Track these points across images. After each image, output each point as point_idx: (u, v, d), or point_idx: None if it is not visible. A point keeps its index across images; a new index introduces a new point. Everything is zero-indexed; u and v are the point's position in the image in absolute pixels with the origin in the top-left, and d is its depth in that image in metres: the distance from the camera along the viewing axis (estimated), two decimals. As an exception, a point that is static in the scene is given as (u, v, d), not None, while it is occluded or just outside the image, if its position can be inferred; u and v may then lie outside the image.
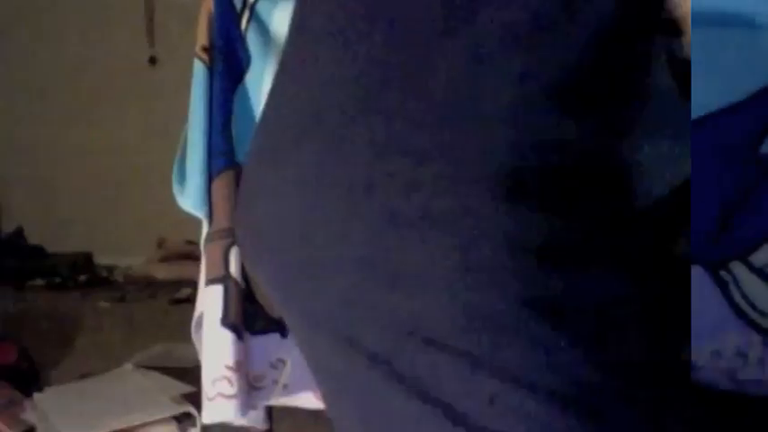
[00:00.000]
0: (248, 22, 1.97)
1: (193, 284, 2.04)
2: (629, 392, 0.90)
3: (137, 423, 2.97)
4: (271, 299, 1.13)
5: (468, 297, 0.88)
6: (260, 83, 1.98)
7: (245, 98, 1.99)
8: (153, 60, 5.97)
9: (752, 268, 1.40)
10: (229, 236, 1.89)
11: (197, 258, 2.03)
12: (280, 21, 1.97)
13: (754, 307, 1.39)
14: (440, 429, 0.90)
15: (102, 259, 6.05)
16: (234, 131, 1.96)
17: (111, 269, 5.96)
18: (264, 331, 1.97)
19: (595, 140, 0.92)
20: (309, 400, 2.02)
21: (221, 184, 1.92)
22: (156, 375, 3.51)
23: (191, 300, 2.06)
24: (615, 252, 0.94)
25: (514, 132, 0.89)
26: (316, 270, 0.99)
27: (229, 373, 1.84)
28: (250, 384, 1.93)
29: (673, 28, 0.96)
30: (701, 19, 1.10)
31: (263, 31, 1.98)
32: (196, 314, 1.99)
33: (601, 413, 0.88)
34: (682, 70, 0.99)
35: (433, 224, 0.89)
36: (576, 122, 0.91)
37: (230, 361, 1.84)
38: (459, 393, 0.89)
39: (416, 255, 0.90)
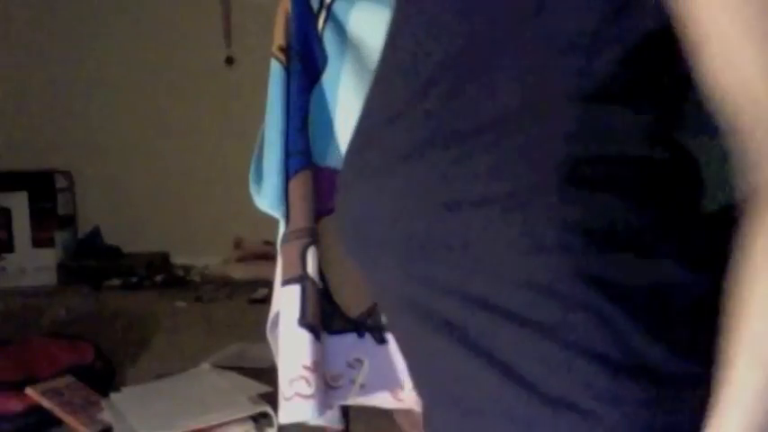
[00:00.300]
0: (325, 22, 1.97)
1: (270, 285, 2.04)
2: (689, 372, 0.94)
3: (214, 423, 2.98)
4: (366, 284, 1.19)
5: (537, 273, 0.94)
6: (336, 83, 1.98)
7: (322, 98, 1.99)
8: (230, 60, 6.01)
9: None
10: (306, 236, 1.90)
11: (274, 258, 2.04)
12: (356, 21, 1.97)
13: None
14: (506, 393, 0.96)
15: (178, 259, 6.09)
16: (310, 131, 1.96)
17: (187, 269, 6.00)
18: (342, 331, 1.98)
19: (651, 132, 0.97)
20: (386, 399, 2.01)
21: (298, 184, 1.92)
22: (233, 375, 3.52)
23: (268, 300, 2.06)
24: (677, 241, 0.97)
25: (575, 124, 0.94)
26: (401, 251, 1.04)
27: (307, 373, 1.84)
28: (327, 384, 1.93)
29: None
30: None
31: (340, 31, 1.98)
32: (271, 314, 1.99)
33: (664, 387, 0.93)
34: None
35: (498, 207, 0.95)
36: (631, 114, 0.95)
37: (308, 361, 1.84)
38: (528, 361, 0.95)
39: (487, 235, 0.96)
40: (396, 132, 1.05)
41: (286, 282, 1.89)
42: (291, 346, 1.86)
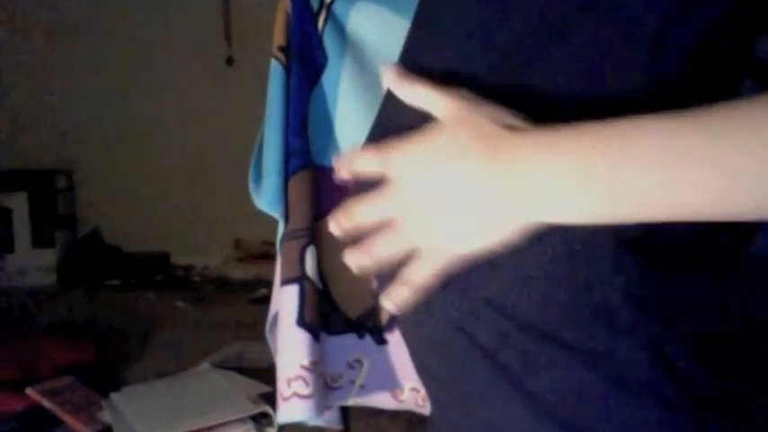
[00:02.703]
0: (325, 22, 1.97)
1: (270, 284, 2.04)
2: (737, 400, 0.89)
3: (213, 423, 2.98)
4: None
5: (574, 290, 0.87)
6: (336, 83, 1.97)
7: (322, 98, 1.98)
8: (230, 60, 6.01)
9: None
10: (305, 236, 1.89)
11: (273, 258, 2.03)
12: (356, 21, 1.97)
13: None
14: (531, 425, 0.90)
15: (178, 259, 6.09)
16: (310, 131, 1.96)
17: (187, 269, 6.00)
18: (341, 332, 1.97)
19: None
20: (386, 400, 2.01)
21: (297, 184, 1.92)
22: (233, 375, 3.53)
23: (267, 300, 2.06)
24: (720, 265, 0.92)
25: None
26: None
27: (305, 373, 1.84)
28: (327, 384, 1.93)
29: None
30: None
31: (340, 31, 1.98)
32: (270, 314, 1.99)
33: (707, 420, 0.87)
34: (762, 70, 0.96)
35: None
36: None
37: (306, 361, 1.84)
38: (558, 387, 0.88)
39: (520, 250, 0.89)
40: None
41: (285, 282, 1.89)
42: (290, 346, 1.86)
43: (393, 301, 0.96)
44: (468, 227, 0.88)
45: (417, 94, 0.95)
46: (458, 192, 0.87)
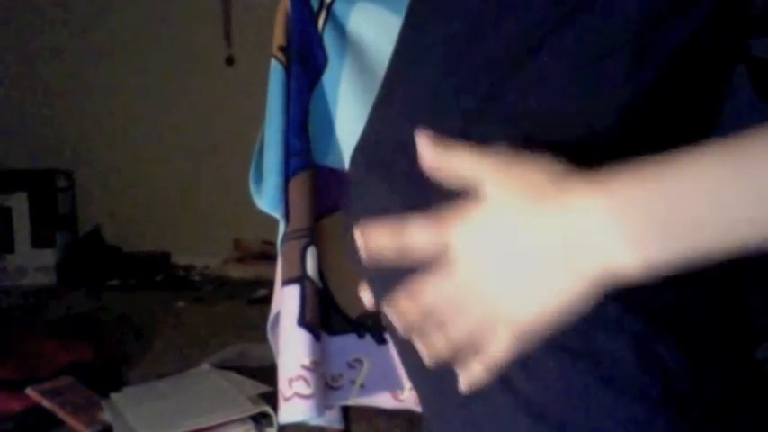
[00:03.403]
0: (325, 22, 1.97)
1: (270, 284, 2.04)
2: (718, 397, 0.89)
3: (213, 423, 2.98)
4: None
5: None
6: (337, 83, 1.97)
7: (322, 98, 1.98)
8: (230, 60, 6.00)
9: None
10: (306, 236, 1.89)
11: (273, 258, 2.03)
12: (357, 21, 1.97)
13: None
14: (517, 421, 0.90)
15: (179, 259, 6.09)
16: (310, 131, 1.96)
17: (188, 269, 6.00)
18: (342, 331, 1.97)
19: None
20: (387, 400, 2.01)
21: (298, 184, 1.91)
22: (233, 375, 3.52)
23: (267, 300, 2.06)
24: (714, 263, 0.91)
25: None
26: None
27: (306, 373, 1.84)
28: (327, 384, 1.93)
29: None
30: None
31: (340, 31, 1.97)
32: (272, 314, 1.99)
33: (693, 418, 0.87)
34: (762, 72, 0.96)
35: None
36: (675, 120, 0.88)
37: (307, 361, 1.84)
38: (545, 385, 0.88)
39: None
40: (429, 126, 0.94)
41: (286, 282, 1.89)
42: (291, 346, 1.86)
43: (470, 381, 0.92)
44: (539, 289, 0.83)
45: (457, 164, 0.89)
46: (521, 252, 0.83)
